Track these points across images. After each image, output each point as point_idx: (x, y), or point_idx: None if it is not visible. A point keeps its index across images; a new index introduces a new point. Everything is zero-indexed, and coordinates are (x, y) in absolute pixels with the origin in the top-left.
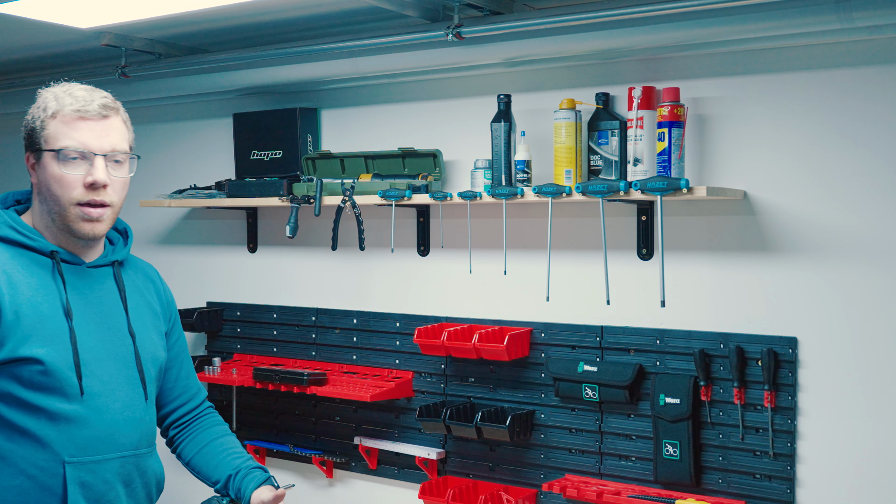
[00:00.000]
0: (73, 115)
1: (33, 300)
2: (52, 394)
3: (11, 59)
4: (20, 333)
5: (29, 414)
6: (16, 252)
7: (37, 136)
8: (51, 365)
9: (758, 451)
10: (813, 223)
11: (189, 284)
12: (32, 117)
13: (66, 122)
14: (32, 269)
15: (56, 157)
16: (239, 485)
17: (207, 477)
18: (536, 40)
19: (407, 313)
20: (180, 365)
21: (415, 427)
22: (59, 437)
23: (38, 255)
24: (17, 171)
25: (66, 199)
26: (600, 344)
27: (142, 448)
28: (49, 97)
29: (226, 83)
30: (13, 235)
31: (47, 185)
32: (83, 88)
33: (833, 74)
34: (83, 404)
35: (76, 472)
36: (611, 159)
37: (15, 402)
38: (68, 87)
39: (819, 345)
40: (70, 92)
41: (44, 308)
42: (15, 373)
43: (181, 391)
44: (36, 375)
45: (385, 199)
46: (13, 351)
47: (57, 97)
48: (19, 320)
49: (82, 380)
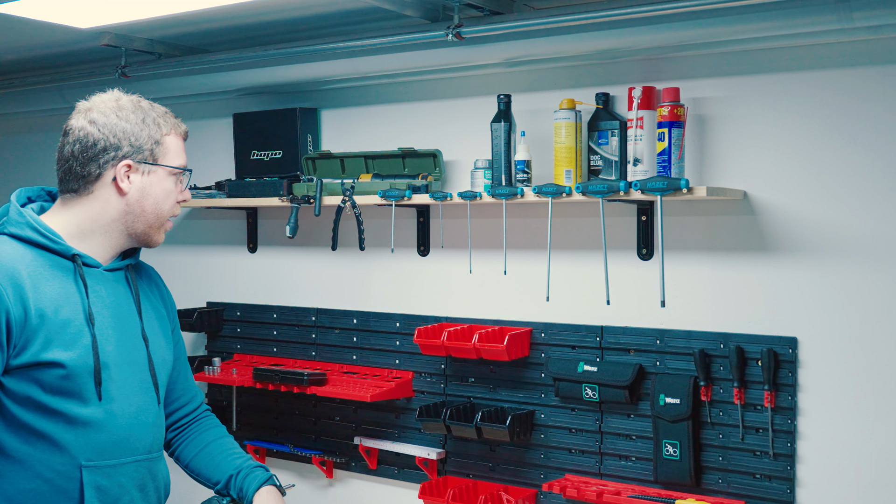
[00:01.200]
0: (182, 135)
1: (56, 304)
2: (72, 398)
3: (11, 59)
4: (43, 337)
5: (47, 418)
6: (37, 253)
7: (150, 150)
8: (73, 370)
9: (758, 451)
10: (813, 223)
11: (189, 284)
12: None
13: (179, 140)
14: (54, 271)
15: (175, 174)
16: (241, 484)
17: (207, 478)
18: (536, 40)
19: (407, 313)
20: (180, 367)
21: (415, 427)
22: (76, 442)
23: (58, 258)
24: (17, 171)
25: (166, 211)
26: (600, 344)
27: (154, 452)
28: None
29: (226, 83)
30: (35, 237)
31: (155, 198)
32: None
33: (833, 74)
34: (101, 409)
35: (93, 476)
36: (611, 159)
37: (34, 405)
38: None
39: (819, 345)
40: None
41: (65, 312)
42: (36, 377)
43: (180, 393)
44: (57, 380)
45: (385, 199)
46: (36, 355)
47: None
48: (43, 323)
49: (101, 385)
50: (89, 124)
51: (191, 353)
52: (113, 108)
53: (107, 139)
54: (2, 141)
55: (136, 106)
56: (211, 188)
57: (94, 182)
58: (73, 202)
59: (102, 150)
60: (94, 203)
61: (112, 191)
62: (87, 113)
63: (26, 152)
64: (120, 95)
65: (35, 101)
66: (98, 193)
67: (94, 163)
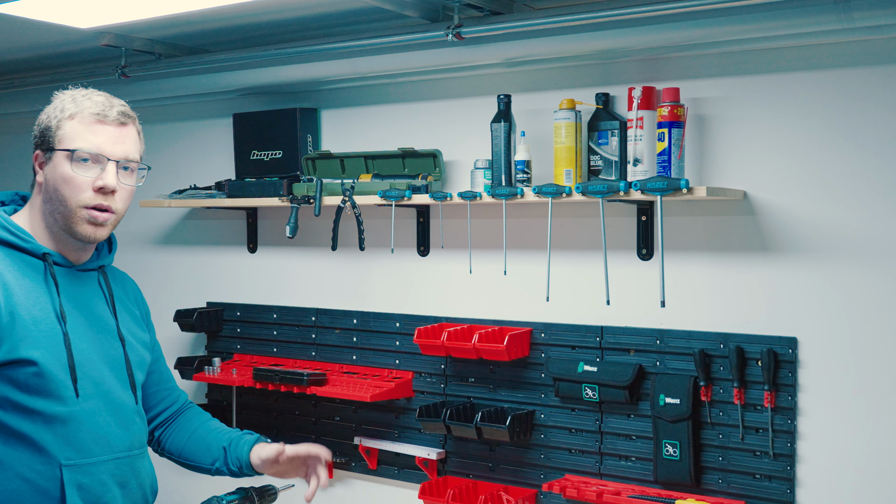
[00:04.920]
0: (91, 118)
1: (27, 302)
2: (47, 397)
3: (11, 59)
4: (15, 336)
5: (24, 417)
6: (7, 253)
7: (50, 135)
8: (45, 367)
9: (758, 452)
10: (813, 223)
11: (189, 284)
12: (48, 116)
13: (84, 124)
14: (24, 270)
15: (69, 158)
16: (235, 453)
17: (202, 461)
18: (536, 40)
19: (407, 313)
20: (160, 369)
21: (415, 427)
22: (55, 441)
23: (29, 257)
24: (17, 171)
25: (74, 200)
26: (600, 344)
27: (134, 450)
28: (67, 99)
29: (226, 83)
30: (4, 236)
31: (55, 185)
32: (102, 94)
33: (833, 74)
34: (78, 406)
35: (73, 475)
36: (611, 159)
37: (10, 405)
38: (87, 91)
39: (819, 345)
40: (89, 96)
41: (37, 311)
42: (9, 375)
43: (164, 395)
44: (31, 378)
45: (385, 200)
46: (8, 353)
47: (75, 100)
48: (14, 322)
49: (77, 382)
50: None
51: (191, 353)
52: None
53: (33, 132)
54: (2, 141)
55: (66, 94)
56: (211, 188)
57: (33, 177)
58: (31, 201)
59: (33, 144)
60: (34, 199)
61: (37, 184)
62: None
63: (26, 152)
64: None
65: (35, 101)
66: (34, 188)
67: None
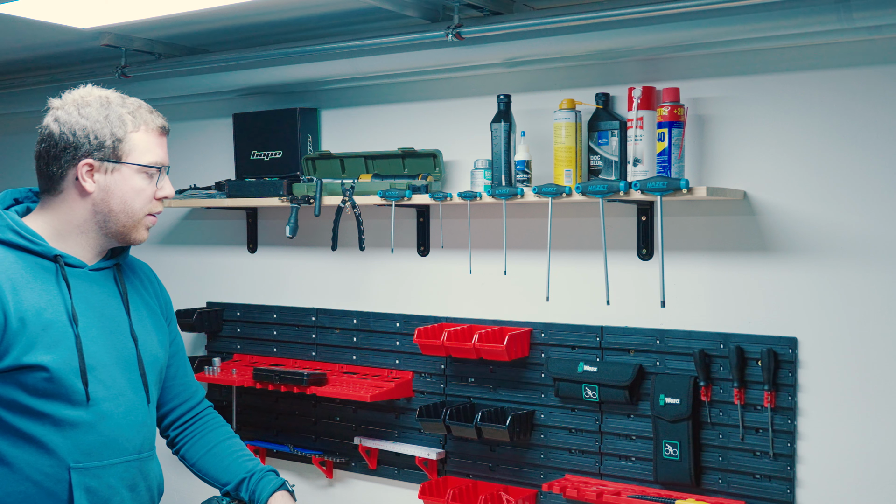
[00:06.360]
0: (157, 131)
1: (37, 306)
2: (58, 400)
3: (11, 59)
4: (25, 341)
5: (34, 420)
6: (18, 256)
7: (111, 147)
8: (56, 372)
9: (758, 452)
10: (813, 223)
11: (189, 284)
12: (101, 126)
13: (151, 136)
14: (36, 273)
15: (142, 171)
16: (254, 487)
17: (216, 479)
18: (536, 40)
19: (407, 313)
20: (178, 363)
21: (415, 427)
22: (64, 443)
23: (40, 260)
24: (17, 171)
25: (143, 210)
26: (600, 344)
27: (144, 452)
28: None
29: (226, 83)
30: (15, 239)
31: (123, 196)
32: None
33: (833, 74)
34: (88, 410)
35: (81, 478)
36: (611, 159)
37: (20, 408)
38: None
39: (819, 345)
40: (141, 105)
41: (48, 314)
42: (19, 380)
43: (180, 389)
44: (41, 382)
45: (385, 200)
46: (18, 359)
47: (132, 112)
48: (24, 327)
49: (88, 386)
50: (53, 122)
51: (191, 353)
52: (78, 105)
53: (66, 138)
54: (2, 141)
55: (104, 102)
56: (211, 188)
57: (59, 182)
58: (48, 203)
59: (63, 150)
60: (63, 203)
61: (77, 191)
62: (55, 111)
63: (26, 152)
64: (91, 91)
65: (35, 101)
66: (66, 194)
67: (57, 162)
